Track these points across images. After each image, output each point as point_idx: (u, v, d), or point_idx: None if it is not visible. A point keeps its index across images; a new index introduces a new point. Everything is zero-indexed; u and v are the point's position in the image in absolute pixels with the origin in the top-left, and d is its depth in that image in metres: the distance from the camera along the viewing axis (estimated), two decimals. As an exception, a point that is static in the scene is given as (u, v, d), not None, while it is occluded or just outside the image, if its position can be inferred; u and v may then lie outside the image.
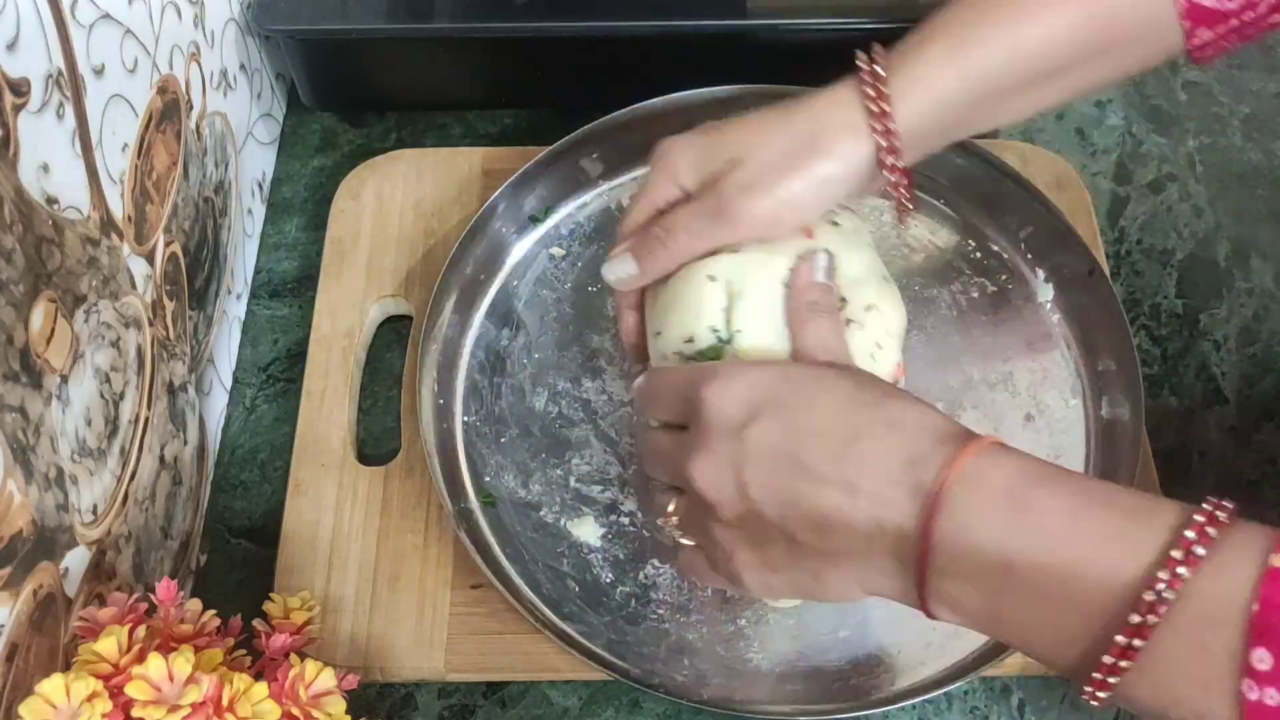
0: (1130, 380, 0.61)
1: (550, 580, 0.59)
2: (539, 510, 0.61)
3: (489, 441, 0.63)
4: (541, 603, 0.58)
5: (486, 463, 0.62)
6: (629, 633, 0.57)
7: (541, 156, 0.68)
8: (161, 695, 0.42)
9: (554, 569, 0.59)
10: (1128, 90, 0.79)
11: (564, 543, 0.60)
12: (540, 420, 0.64)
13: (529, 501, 0.61)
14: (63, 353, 0.47)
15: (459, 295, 0.66)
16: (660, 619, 0.58)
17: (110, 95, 0.52)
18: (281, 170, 0.76)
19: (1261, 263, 0.71)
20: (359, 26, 0.70)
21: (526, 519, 0.61)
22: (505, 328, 0.67)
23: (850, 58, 0.53)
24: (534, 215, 0.69)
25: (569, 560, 0.60)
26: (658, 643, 0.57)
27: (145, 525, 0.55)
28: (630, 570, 0.59)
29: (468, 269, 0.66)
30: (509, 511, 0.61)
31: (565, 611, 0.58)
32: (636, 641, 0.57)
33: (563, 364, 0.65)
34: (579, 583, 0.59)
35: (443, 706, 0.58)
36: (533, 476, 0.62)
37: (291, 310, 0.70)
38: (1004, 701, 0.58)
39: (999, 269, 0.68)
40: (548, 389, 0.65)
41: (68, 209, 0.48)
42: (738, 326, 0.52)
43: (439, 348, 0.64)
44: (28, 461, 0.45)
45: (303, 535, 0.60)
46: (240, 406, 0.67)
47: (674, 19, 0.70)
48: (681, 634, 0.57)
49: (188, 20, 0.61)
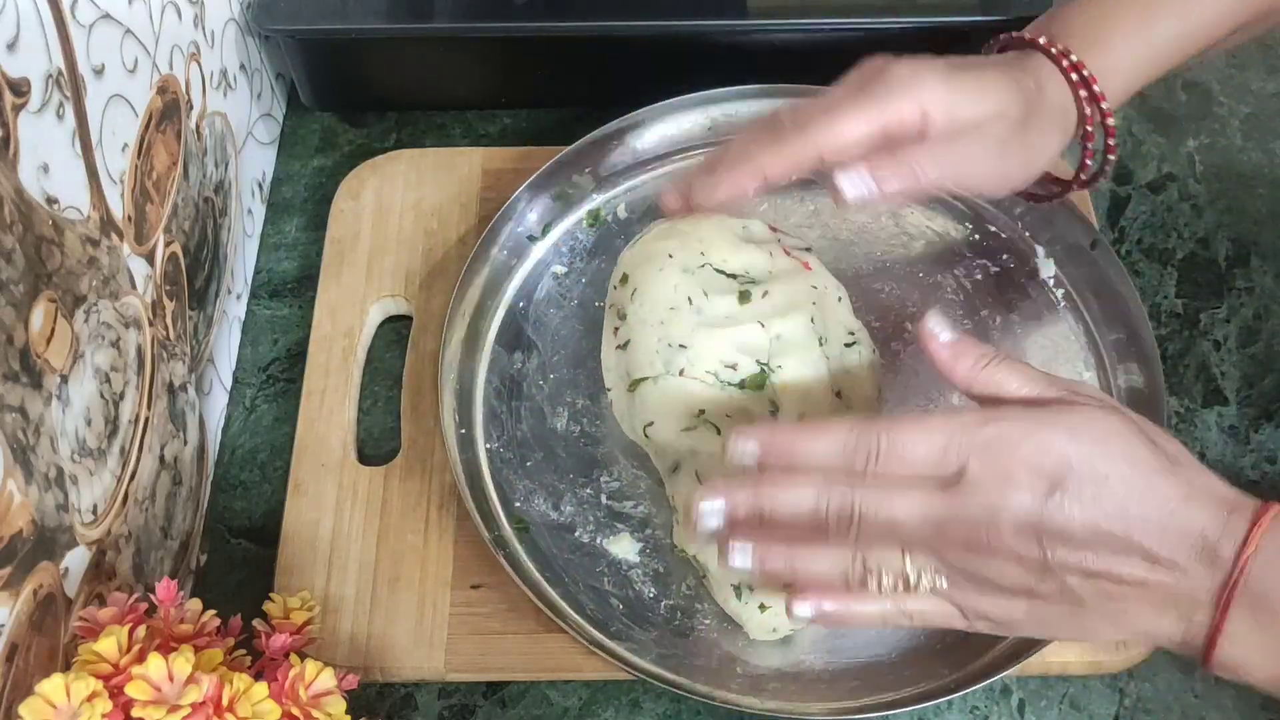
0: (1145, 348, 0.62)
1: (593, 600, 0.58)
2: (573, 531, 0.60)
3: (515, 467, 0.62)
4: (588, 624, 0.56)
5: (515, 488, 0.61)
6: (678, 645, 0.57)
7: (533, 179, 0.67)
8: (161, 695, 0.42)
9: (595, 589, 0.58)
10: (1128, 90, 0.79)
11: (602, 561, 0.59)
12: (564, 440, 0.63)
13: (562, 523, 0.60)
14: (63, 353, 0.47)
15: (468, 325, 0.65)
16: (708, 629, 0.57)
17: (110, 95, 0.52)
18: (281, 170, 0.76)
19: (1261, 262, 0.71)
20: (359, 26, 0.70)
21: (562, 541, 0.60)
22: (517, 351, 0.66)
23: (850, 58, 0.53)
24: (532, 235, 0.68)
25: (609, 578, 0.59)
26: (708, 653, 0.56)
27: (145, 525, 0.55)
28: (672, 583, 0.58)
29: (474, 297, 0.65)
30: (543, 535, 0.60)
31: (612, 630, 0.56)
32: (686, 654, 0.56)
33: (579, 381, 0.64)
34: (622, 600, 0.58)
35: (443, 706, 0.58)
36: (563, 498, 0.61)
37: (291, 310, 0.70)
38: (1004, 701, 0.58)
39: (999, 249, 0.68)
40: (567, 408, 0.64)
41: (68, 209, 0.48)
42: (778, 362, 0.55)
43: (455, 377, 0.63)
44: (28, 461, 0.45)
45: (303, 535, 0.60)
46: (240, 406, 0.67)
47: (674, 19, 0.70)
48: (731, 642, 0.57)
49: (188, 20, 0.61)
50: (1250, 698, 0.57)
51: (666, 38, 0.71)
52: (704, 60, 0.72)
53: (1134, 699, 0.58)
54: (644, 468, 0.61)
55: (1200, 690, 0.58)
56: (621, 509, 0.61)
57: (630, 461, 0.62)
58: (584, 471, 0.62)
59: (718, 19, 0.70)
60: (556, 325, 0.66)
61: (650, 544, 0.60)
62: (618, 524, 0.60)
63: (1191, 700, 0.58)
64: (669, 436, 0.57)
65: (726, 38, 0.71)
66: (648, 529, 0.60)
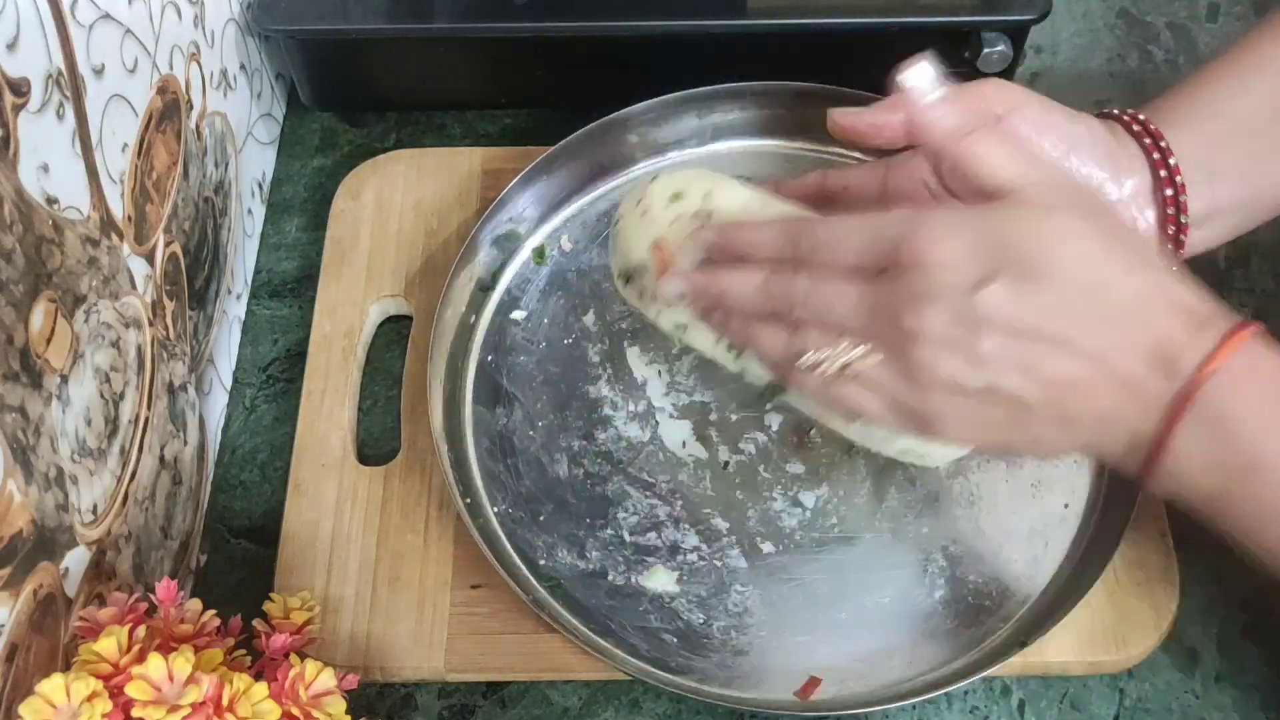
0: None
1: (645, 640, 0.57)
2: (605, 576, 0.58)
3: (528, 525, 0.60)
4: (650, 665, 0.55)
5: (535, 547, 0.59)
6: (741, 664, 0.56)
7: (472, 235, 0.65)
8: (161, 695, 0.42)
9: (644, 629, 0.57)
10: (1128, 90, 0.79)
11: (643, 600, 0.58)
12: (570, 487, 0.61)
13: (592, 571, 0.59)
14: (62, 353, 0.47)
15: (445, 397, 0.62)
16: (764, 639, 0.57)
17: (110, 95, 0.52)
18: (281, 170, 0.76)
19: (1262, 263, 0.71)
20: (359, 26, 0.70)
21: (597, 589, 0.58)
22: (497, 406, 0.63)
23: (850, 57, 0.53)
24: (483, 285, 0.67)
25: (655, 615, 0.57)
26: (770, 669, 0.56)
27: (145, 525, 0.55)
28: (718, 604, 0.58)
29: (441, 361, 0.63)
30: (577, 588, 0.58)
31: (673, 666, 0.56)
32: (752, 671, 0.56)
33: (568, 424, 0.63)
34: (674, 633, 0.57)
35: (442, 706, 0.58)
36: (586, 545, 0.59)
37: (291, 310, 0.70)
38: (1004, 701, 0.58)
39: None
40: (564, 453, 0.62)
41: (68, 209, 0.48)
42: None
43: (447, 449, 0.60)
44: (28, 461, 0.45)
45: (303, 535, 0.60)
46: (240, 406, 0.67)
47: (674, 19, 0.70)
48: (788, 647, 0.56)
49: (188, 20, 0.61)
50: (1250, 698, 0.57)
51: (666, 37, 0.71)
52: (704, 60, 0.72)
53: (1134, 699, 0.58)
54: (656, 494, 0.61)
55: (1200, 690, 0.58)
56: (647, 542, 0.59)
57: (641, 493, 0.61)
58: (599, 513, 0.60)
59: (717, 19, 0.70)
60: (531, 372, 0.64)
61: (685, 570, 0.59)
62: (647, 558, 0.59)
63: (1192, 700, 0.58)
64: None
65: (726, 37, 0.71)
66: (678, 555, 0.59)
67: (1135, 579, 0.58)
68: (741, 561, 0.59)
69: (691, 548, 0.59)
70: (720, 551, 0.59)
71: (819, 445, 0.62)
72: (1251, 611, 0.60)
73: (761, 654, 0.57)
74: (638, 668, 0.55)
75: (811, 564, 0.59)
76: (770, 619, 0.57)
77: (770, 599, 0.58)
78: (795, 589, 0.58)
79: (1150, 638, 0.57)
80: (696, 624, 0.57)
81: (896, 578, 0.58)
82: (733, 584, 0.58)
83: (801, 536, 0.59)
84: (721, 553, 0.59)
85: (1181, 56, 0.80)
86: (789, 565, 0.59)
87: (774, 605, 0.58)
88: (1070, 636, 0.56)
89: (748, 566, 0.59)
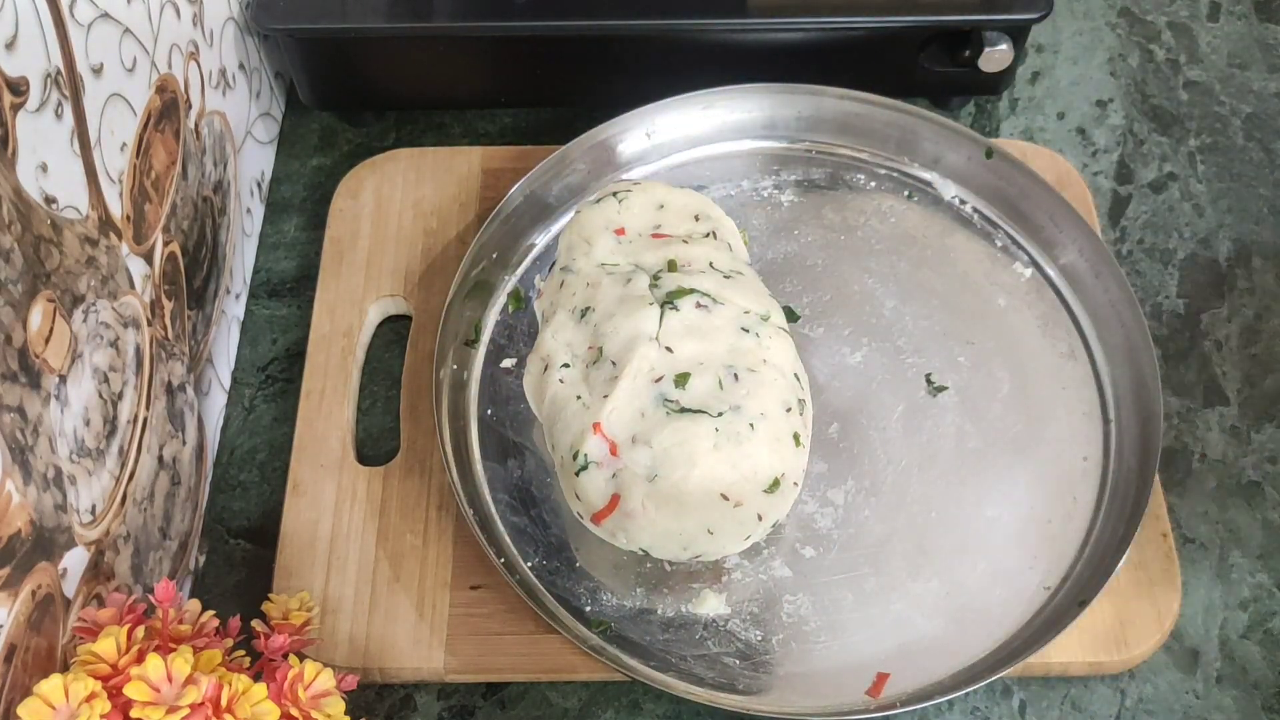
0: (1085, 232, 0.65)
1: (709, 668, 0.56)
2: (655, 611, 0.57)
3: (566, 575, 0.59)
4: (717, 691, 0.55)
5: (578, 594, 0.58)
6: (808, 675, 0.56)
7: (452, 295, 0.64)
8: (160, 696, 0.42)
9: (705, 657, 0.56)
10: (1129, 89, 0.79)
11: (697, 628, 0.57)
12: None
13: (640, 608, 0.57)
14: (61, 352, 0.47)
15: (455, 457, 0.61)
16: (824, 644, 0.56)
17: (109, 94, 0.52)
18: (280, 170, 0.76)
19: (1263, 262, 0.71)
20: (358, 26, 0.70)
21: (649, 625, 0.57)
22: (509, 459, 0.62)
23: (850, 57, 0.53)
24: (468, 340, 0.65)
25: (713, 641, 0.57)
26: (837, 672, 0.56)
27: (144, 525, 0.55)
28: (772, 618, 0.57)
29: (444, 425, 0.61)
30: (628, 628, 0.57)
31: (741, 688, 0.55)
32: (820, 682, 0.55)
33: None
34: (735, 655, 0.56)
35: (442, 707, 0.58)
36: (627, 583, 0.58)
37: (290, 310, 0.70)
38: (1005, 702, 0.57)
39: (900, 187, 0.71)
40: None
41: (66, 208, 0.48)
42: None
43: (473, 514, 0.58)
44: (26, 462, 0.44)
45: (302, 536, 0.60)
46: (239, 406, 0.67)
47: (674, 18, 0.69)
48: (850, 648, 0.56)
49: (186, 19, 0.61)
50: (1251, 697, 0.57)
51: (666, 37, 0.71)
52: (704, 60, 0.72)
53: (1135, 700, 0.57)
54: None
55: (1201, 691, 0.58)
56: (690, 568, 0.58)
57: None
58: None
59: (717, 18, 0.69)
60: (531, 418, 0.61)
61: (733, 589, 0.58)
62: (693, 585, 0.58)
63: (1193, 701, 0.57)
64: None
65: (726, 37, 0.71)
66: (724, 576, 0.58)
67: (1136, 580, 0.58)
68: (786, 571, 0.58)
69: (734, 566, 0.59)
70: (763, 565, 0.58)
71: (837, 440, 0.62)
72: (1252, 612, 0.60)
73: (825, 659, 0.56)
74: (638, 670, 0.55)
75: (854, 560, 0.59)
76: (826, 623, 0.57)
77: (822, 603, 0.58)
78: (844, 588, 0.58)
79: (1152, 639, 0.57)
80: (755, 641, 0.57)
81: (938, 561, 0.59)
82: (782, 595, 0.58)
83: (839, 535, 0.59)
84: (765, 565, 0.58)
85: (1183, 56, 0.80)
86: (833, 566, 0.59)
87: (827, 609, 0.57)
88: (1071, 637, 0.56)
89: (793, 575, 0.58)
